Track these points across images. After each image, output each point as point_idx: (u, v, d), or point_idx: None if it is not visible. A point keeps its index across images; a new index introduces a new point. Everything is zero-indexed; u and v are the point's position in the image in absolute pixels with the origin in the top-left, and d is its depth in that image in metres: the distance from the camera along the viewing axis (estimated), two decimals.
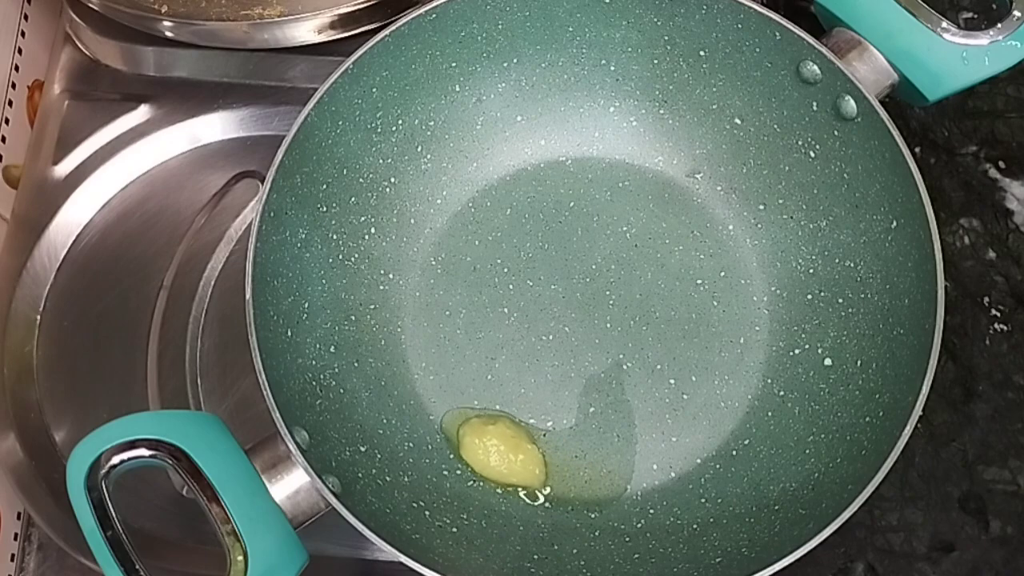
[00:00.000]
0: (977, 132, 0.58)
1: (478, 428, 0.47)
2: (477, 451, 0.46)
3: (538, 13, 0.51)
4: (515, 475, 0.46)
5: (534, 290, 0.52)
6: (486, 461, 0.46)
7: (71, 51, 0.60)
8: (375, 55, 0.48)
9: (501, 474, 0.46)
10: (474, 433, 0.47)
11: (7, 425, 0.52)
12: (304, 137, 0.47)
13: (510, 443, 0.46)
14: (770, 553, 0.40)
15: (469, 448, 0.47)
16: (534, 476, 0.46)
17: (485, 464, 0.46)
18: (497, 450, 0.46)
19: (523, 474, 0.46)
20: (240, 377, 0.52)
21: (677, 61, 0.52)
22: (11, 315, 0.54)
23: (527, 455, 0.46)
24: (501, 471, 0.46)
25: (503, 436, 0.47)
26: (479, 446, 0.46)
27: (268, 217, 0.45)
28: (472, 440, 0.47)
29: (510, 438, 0.47)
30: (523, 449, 0.46)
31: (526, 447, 0.47)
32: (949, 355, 0.53)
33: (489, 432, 0.47)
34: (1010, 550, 0.50)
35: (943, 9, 0.48)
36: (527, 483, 0.46)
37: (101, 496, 0.39)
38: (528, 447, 0.47)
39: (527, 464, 0.46)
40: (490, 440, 0.46)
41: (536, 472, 0.46)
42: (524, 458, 0.46)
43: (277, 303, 0.46)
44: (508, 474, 0.46)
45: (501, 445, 0.46)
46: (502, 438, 0.47)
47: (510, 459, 0.46)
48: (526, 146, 0.54)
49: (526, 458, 0.46)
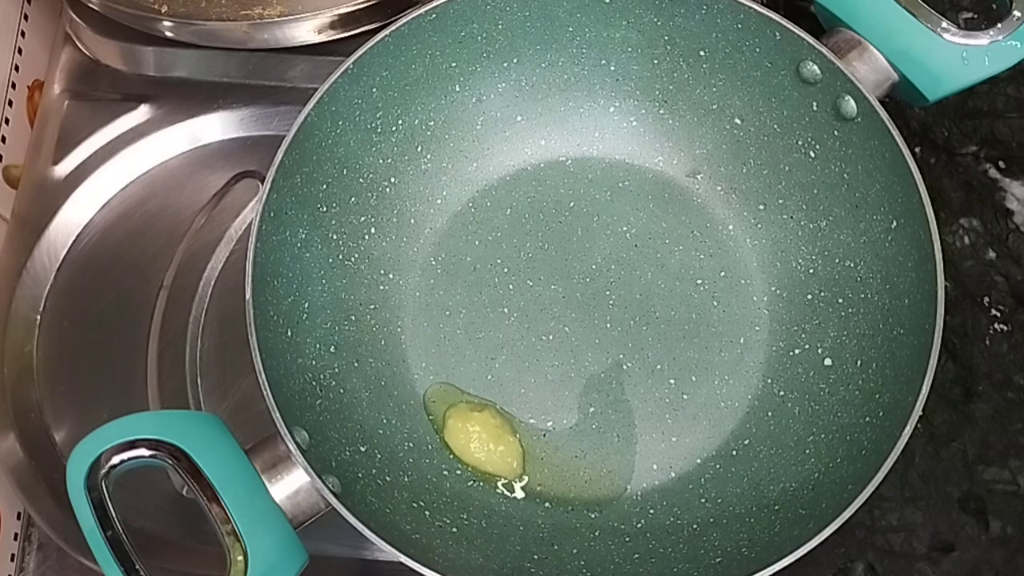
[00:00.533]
0: (977, 132, 0.58)
1: (464, 413, 0.48)
2: (459, 435, 0.47)
3: (538, 13, 0.51)
4: (492, 464, 0.47)
5: (534, 290, 0.52)
6: (466, 446, 0.47)
7: (71, 51, 0.60)
8: (375, 55, 0.48)
9: (479, 461, 0.47)
10: (459, 417, 0.48)
11: (7, 425, 0.52)
12: (304, 137, 0.47)
13: (492, 432, 0.47)
14: (770, 553, 0.40)
15: (452, 430, 0.47)
16: (511, 468, 0.47)
17: (465, 448, 0.47)
18: (479, 437, 0.47)
19: (500, 464, 0.47)
20: (240, 377, 0.52)
21: (677, 61, 0.52)
22: (11, 315, 0.54)
23: (507, 447, 0.47)
24: (479, 458, 0.47)
25: (487, 424, 0.47)
26: (462, 430, 0.47)
27: (268, 217, 0.45)
28: (456, 423, 0.47)
29: (493, 427, 0.47)
30: (504, 440, 0.47)
31: (507, 439, 0.47)
32: (949, 355, 0.53)
33: (474, 419, 0.48)
34: (1010, 550, 0.50)
35: (943, 9, 0.48)
36: (503, 473, 0.47)
37: (101, 496, 0.39)
38: (509, 439, 0.47)
39: (505, 455, 0.47)
40: (473, 426, 0.47)
41: (513, 465, 0.47)
42: (504, 449, 0.47)
43: (277, 303, 0.46)
44: (485, 462, 0.47)
45: (484, 433, 0.47)
46: (486, 426, 0.47)
47: (489, 448, 0.47)
48: (526, 146, 0.54)
49: (505, 449, 0.47)
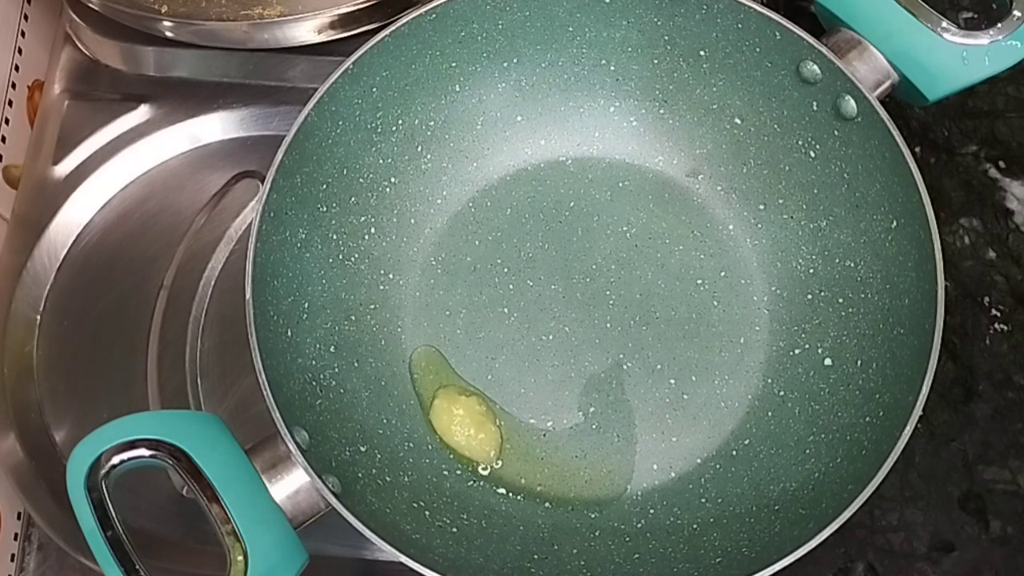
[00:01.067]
0: (977, 132, 0.58)
1: (451, 396, 0.49)
2: (442, 416, 0.48)
3: (538, 13, 0.51)
4: (470, 450, 0.48)
5: (534, 290, 0.52)
6: (448, 427, 0.48)
7: (71, 51, 0.60)
8: (375, 55, 0.48)
9: (458, 444, 0.48)
10: (446, 398, 0.49)
11: (7, 425, 0.52)
12: (304, 137, 0.47)
13: (476, 419, 0.48)
14: (770, 553, 0.40)
15: (437, 410, 0.49)
16: (488, 456, 0.48)
17: (447, 430, 0.48)
18: (462, 422, 0.48)
19: (478, 451, 0.48)
20: (240, 377, 0.52)
21: (677, 61, 0.52)
22: (11, 315, 0.54)
23: (487, 435, 0.48)
24: (459, 441, 0.48)
25: (471, 411, 0.49)
26: (446, 411, 0.48)
27: (268, 217, 0.45)
28: (442, 404, 0.49)
29: (477, 414, 0.48)
30: (485, 428, 0.48)
31: (489, 427, 0.48)
32: (949, 355, 0.53)
33: (460, 403, 0.49)
34: (1010, 550, 0.50)
35: (943, 9, 0.48)
36: (479, 459, 0.48)
37: (101, 496, 0.39)
38: (491, 428, 0.48)
39: (484, 444, 0.48)
40: (458, 410, 0.48)
41: (491, 453, 0.48)
42: (484, 437, 0.48)
43: (277, 303, 0.46)
44: (464, 446, 0.48)
45: (467, 418, 0.48)
46: (470, 412, 0.48)
47: (470, 434, 0.48)
48: (526, 146, 0.54)
49: (486, 437, 0.48)
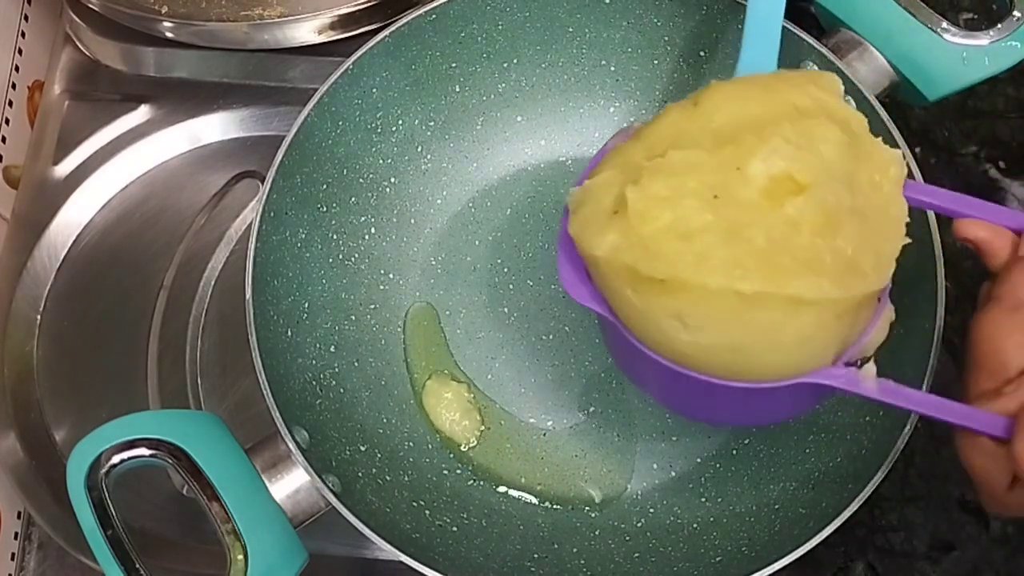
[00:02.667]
0: (977, 132, 0.58)
1: (444, 380, 0.51)
2: (430, 396, 0.50)
3: (538, 13, 0.51)
4: (451, 432, 0.50)
5: (534, 290, 0.52)
6: (436, 407, 0.50)
7: (71, 51, 0.60)
8: (375, 55, 0.48)
9: (442, 424, 0.50)
10: (438, 381, 0.51)
11: (7, 425, 0.52)
12: (304, 137, 0.47)
13: (463, 406, 0.50)
14: (770, 552, 0.40)
15: (428, 390, 0.50)
16: (465, 441, 0.50)
17: (433, 410, 0.50)
18: (448, 406, 0.50)
19: (459, 435, 0.50)
20: (240, 377, 0.52)
21: (677, 61, 0.52)
22: (11, 315, 0.54)
23: (470, 422, 0.50)
24: (442, 423, 0.50)
25: (460, 397, 0.50)
26: (436, 392, 0.50)
27: (268, 217, 0.45)
28: (433, 385, 0.51)
29: (465, 401, 0.50)
30: (469, 416, 0.50)
31: (473, 415, 0.50)
32: (949, 355, 0.53)
33: (451, 387, 0.50)
34: (1010, 550, 0.50)
35: (943, 9, 0.48)
36: (458, 441, 0.50)
37: (101, 495, 0.39)
38: (476, 416, 0.50)
39: (466, 430, 0.50)
40: (448, 393, 0.50)
41: (470, 440, 0.50)
42: (467, 424, 0.50)
43: (277, 303, 0.46)
44: (447, 429, 0.50)
45: (455, 402, 0.50)
46: (458, 398, 0.50)
47: (454, 419, 0.50)
48: (526, 146, 0.54)
49: (469, 424, 0.50)
